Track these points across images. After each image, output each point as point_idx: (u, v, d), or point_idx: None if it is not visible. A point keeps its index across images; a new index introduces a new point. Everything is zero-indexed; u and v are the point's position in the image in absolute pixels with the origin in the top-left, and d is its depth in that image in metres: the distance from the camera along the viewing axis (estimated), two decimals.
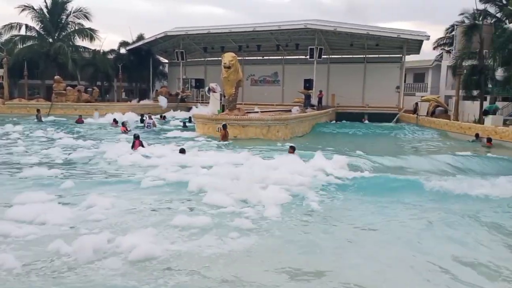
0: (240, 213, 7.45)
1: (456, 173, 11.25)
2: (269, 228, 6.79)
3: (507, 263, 5.41)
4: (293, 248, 5.96)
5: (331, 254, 5.79)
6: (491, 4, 27.24)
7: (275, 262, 5.45)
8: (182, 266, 5.25)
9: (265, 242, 6.17)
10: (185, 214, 7.34)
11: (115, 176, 10.65)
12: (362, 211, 7.88)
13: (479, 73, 25.98)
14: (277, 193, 8.46)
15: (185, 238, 6.21)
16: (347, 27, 33.22)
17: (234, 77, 19.99)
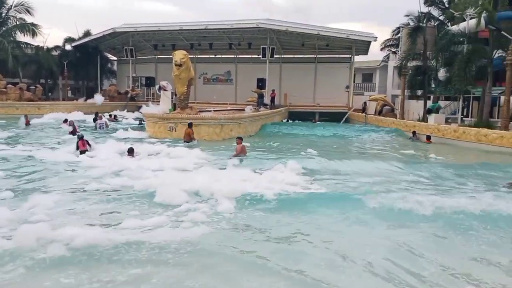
0: (195, 208, 7.41)
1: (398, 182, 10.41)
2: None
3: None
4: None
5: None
6: (434, 7, 28.57)
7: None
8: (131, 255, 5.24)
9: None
10: (136, 210, 7.17)
11: (57, 177, 10.05)
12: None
13: (423, 74, 27.16)
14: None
15: (135, 231, 6.12)
16: (298, 27, 33.65)
17: (185, 75, 19.61)
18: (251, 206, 7.80)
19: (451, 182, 10.36)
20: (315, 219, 7.21)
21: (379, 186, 9.51)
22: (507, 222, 7.01)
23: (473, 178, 10.80)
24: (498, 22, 20.90)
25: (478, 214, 7.19)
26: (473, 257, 5.70)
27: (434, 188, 9.57)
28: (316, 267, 5.18)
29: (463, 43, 22.87)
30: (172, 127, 18.66)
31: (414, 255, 5.68)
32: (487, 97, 21.34)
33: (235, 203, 7.79)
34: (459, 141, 18.75)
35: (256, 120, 23.78)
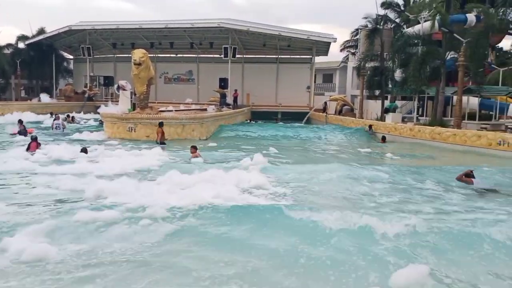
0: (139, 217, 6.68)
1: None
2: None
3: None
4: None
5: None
6: (391, 10, 29.45)
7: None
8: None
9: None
10: (87, 209, 6.76)
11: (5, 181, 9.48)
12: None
13: (380, 74, 27.95)
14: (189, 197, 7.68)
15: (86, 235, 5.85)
16: (259, 28, 33.82)
17: (145, 75, 19.24)
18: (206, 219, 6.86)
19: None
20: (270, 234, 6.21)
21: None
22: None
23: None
24: (450, 25, 21.82)
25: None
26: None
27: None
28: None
29: (418, 45, 23.74)
30: (131, 127, 18.23)
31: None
32: (441, 97, 22.21)
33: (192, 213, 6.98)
34: (415, 139, 19.42)
35: (219, 120, 23.67)
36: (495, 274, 5.05)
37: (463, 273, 5.03)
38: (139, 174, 10.34)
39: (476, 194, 9.20)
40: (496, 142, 15.77)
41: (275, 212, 6.92)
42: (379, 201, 8.27)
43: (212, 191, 7.96)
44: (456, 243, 5.85)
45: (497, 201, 8.46)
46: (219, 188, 8.34)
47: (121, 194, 7.74)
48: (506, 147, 15.34)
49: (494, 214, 7.35)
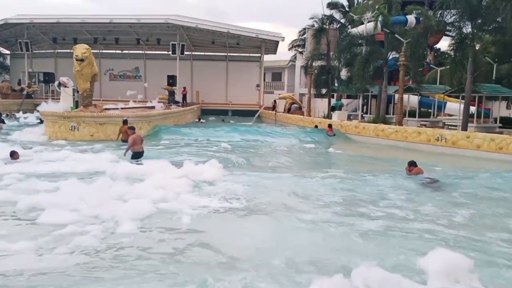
0: (82, 232, 6.10)
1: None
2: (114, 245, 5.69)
3: None
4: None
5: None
6: (336, 11, 30.28)
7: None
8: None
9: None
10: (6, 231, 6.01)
11: None
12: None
13: (327, 73, 28.68)
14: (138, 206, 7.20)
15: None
16: (208, 25, 33.54)
17: (88, 71, 18.42)
18: (159, 228, 6.51)
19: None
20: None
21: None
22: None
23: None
24: (392, 26, 22.76)
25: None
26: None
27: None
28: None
29: (362, 45, 24.59)
30: (74, 126, 17.44)
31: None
32: (384, 95, 23.11)
33: (140, 224, 6.55)
34: (359, 136, 20.09)
35: (167, 118, 23.22)
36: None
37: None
38: (84, 179, 9.62)
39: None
40: (434, 138, 16.65)
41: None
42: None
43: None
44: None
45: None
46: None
47: (59, 205, 7.04)
48: (444, 142, 16.25)
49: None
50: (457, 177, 10.92)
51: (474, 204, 8.27)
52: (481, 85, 19.83)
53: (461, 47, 18.46)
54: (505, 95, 21.14)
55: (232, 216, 7.16)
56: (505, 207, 8.11)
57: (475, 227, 6.84)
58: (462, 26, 18.57)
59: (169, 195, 7.91)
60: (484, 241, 6.10)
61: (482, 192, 9.30)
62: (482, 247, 5.83)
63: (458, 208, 7.86)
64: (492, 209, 7.98)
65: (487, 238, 6.23)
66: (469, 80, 17.85)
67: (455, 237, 6.23)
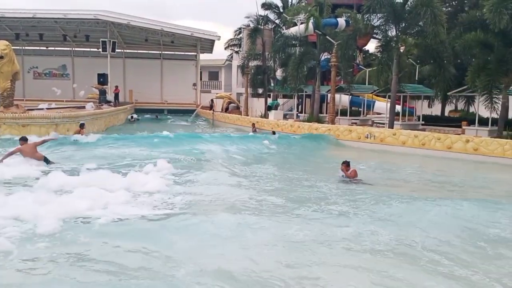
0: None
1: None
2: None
3: None
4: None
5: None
6: (271, 11, 30.70)
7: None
8: None
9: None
10: None
11: None
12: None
13: (263, 73, 29.03)
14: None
15: None
16: (140, 22, 32.54)
17: (8, 69, 17.20)
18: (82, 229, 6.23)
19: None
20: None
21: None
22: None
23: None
24: (323, 28, 23.51)
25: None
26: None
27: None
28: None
29: (296, 45, 25.15)
30: None
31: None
32: (317, 95, 23.84)
33: (62, 224, 6.25)
34: (296, 134, 20.53)
35: (98, 118, 22.19)
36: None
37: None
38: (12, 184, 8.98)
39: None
40: (364, 135, 17.46)
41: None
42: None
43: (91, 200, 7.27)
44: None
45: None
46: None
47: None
48: (373, 139, 17.08)
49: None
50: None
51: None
52: (405, 85, 21.10)
53: (386, 49, 19.53)
54: (427, 94, 22.68)
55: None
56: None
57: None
58: (387, 29, 19.67)
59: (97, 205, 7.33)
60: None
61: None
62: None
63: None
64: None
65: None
66: (395, 80, 18.93)
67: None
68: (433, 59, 19.46)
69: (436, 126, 21.23)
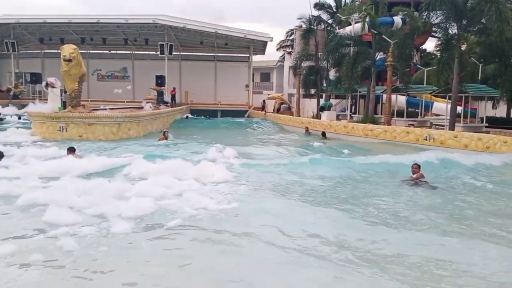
0: (74, 233, 5.93)
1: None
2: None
3: None
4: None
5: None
6: (323, 11, 30.43)
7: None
8: None
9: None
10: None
11: None
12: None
13: (315, 73, 28.84)
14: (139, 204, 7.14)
15: None
16: (196, 25, 33.49)
17: (76, 71, 18.27)
18: (154, 227, 6.40)
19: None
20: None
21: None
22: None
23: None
24: (379, 27, 22.99)
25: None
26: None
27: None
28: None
29: (350, 45, 24.78)
30: (62, 127, 17.27)
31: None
32: (372, 95, 23.35)
33: (134, 224, 6.44)
34: (349, 136, 20.26)
35: (157, 118, 23.11)
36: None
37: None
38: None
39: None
40: (422, 137, 16.88)
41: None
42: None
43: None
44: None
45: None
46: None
47: (58, 200, 7.02)
48: (432, 142, 16.48)
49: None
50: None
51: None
52: (467, 85, 20.14)
53: (447, 48, 18.72)
54: (491, 95, 21.51)
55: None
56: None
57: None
58: (448, 27, 18.85)
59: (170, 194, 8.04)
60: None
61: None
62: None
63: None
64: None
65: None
66: (456, 80, 18.13)
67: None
68: (498, 57, 18.44)
69: (501, 128, 20.09)
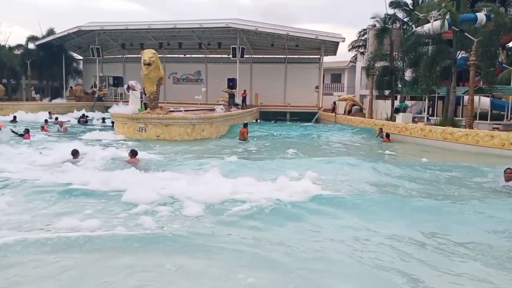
0: (153, 211, 6.81)
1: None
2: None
3: None
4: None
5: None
6: (399, 9, 29.28)
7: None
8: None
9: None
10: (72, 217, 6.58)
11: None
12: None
13: (390, 74, 27.77)
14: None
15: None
16: (267, 28, 33.84)
17: (155, 75, 19.31)
18: (225, 212, 6.94)
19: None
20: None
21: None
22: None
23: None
24: (461, 24, 21.62)
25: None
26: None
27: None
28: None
29: (428, 44, 23.55)
30: (142, 127, 18.31)
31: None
32: (452, 97, 22.02)
33: (205, 208, 7.07)
34: (425, 139, 19.27)
35: (228, 120, 23.69)
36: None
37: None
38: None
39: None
40: (509, 142, 15.59)
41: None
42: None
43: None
44: None
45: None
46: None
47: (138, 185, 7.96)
48: None
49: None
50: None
51: None
52: None
53: None
54: None
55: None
56: None
57: None
58: None
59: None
60: None
61: None
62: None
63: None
64: None
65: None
66: None
67: None
68: None
69: None
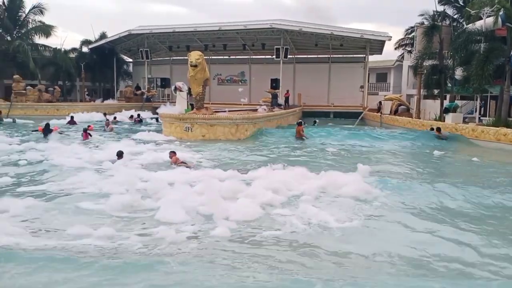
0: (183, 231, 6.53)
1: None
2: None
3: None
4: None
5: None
6: (449, 6, 28.27)
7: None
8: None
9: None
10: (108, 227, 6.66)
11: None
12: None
13: (439, 73, 26.82)
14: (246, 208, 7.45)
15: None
16: (311, 27, 33.64)
17: (201, 76, 19.77)
18: (254, 234, 6.53)
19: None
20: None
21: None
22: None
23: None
24: None
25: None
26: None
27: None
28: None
29: (480, 41, 22.58)
30: (188, 127, 18.83)
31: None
32: (506, 96, 21.02)
33: (236, 226, 6.78)
34: (477, 140, 18.54)
35: (271, 120, 23.84)
36: None
37: None
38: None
39: None
40: None
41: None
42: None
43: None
44: None
45: None
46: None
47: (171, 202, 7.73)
48: None
49: None
50: None
51: None
52: None
53: None
54: None
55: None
56: None
57: None
58: None
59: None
60: None
61: None
62: None
63: None
64: None
65: None
66: None
67: None
68: None
69: None
